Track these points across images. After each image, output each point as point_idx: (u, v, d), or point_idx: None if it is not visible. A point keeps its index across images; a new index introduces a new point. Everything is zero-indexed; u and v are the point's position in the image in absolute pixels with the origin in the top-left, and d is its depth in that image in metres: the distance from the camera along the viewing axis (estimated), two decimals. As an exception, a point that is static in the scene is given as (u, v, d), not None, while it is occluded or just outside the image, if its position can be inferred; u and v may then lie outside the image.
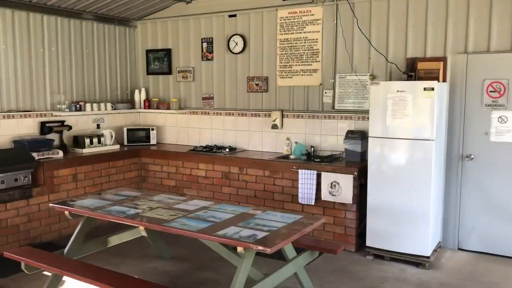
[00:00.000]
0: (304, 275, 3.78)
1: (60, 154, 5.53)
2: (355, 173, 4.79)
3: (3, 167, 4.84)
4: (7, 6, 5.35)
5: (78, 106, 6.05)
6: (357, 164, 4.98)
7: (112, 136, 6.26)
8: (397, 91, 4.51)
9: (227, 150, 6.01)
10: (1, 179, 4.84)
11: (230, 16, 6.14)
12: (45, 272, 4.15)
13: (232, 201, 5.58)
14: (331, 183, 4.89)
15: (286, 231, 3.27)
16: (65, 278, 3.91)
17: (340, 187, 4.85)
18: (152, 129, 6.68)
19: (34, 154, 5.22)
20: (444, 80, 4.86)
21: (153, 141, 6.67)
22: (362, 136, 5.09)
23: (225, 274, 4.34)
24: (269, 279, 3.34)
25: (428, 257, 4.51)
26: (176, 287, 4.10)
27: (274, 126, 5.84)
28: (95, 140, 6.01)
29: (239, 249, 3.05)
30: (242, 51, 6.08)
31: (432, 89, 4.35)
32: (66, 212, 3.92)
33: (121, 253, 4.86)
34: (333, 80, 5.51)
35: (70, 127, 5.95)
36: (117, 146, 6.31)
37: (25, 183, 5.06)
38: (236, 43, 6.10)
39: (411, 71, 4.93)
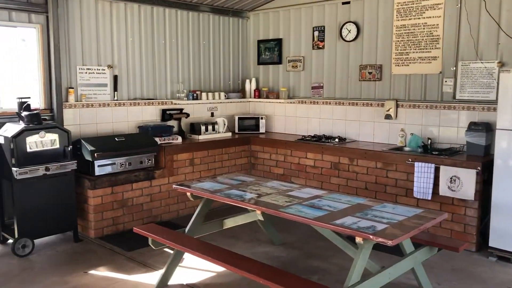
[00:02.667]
0: (421, 271, 3.62)
1: (179, 139, 5.88)
2: (479, 168, 4.46)
3: (130, 150, 5.28)
4: (134, 1, 5.78)
5: (195, 95, 6.37)
6: (480, 158, 4.63)
7: (225, 124, 6.51)
8: (532, 79, 4.12)
9: (336, 140, 5.93)
10: (128, 161, 5.28)
11: (343, 3, 6.03)
12: (166, 249, 4.46)
13: (341, 192, 5.51)
14: (451, 178, 4.61)
15: (406, 224, 3.14)
16: (185, 255, 4.18)
17: (460, 182, 4.55)
18: (262, 118, 6.82)
19: (157, 139, 5.61)
20: None
21: (262, 129, 6.82)
22: (487, 128, 4.72)
23: (335, 264, 4.32)
24: (386, 272, 3.24)
25: None
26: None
27: (388, 116, 5.64)
28: (209, 127, 6.31)
29: (358, 239, 2.99)
30: (355, 38, 5.94)
31: None
32: (188, 194, 4.15)
33: (234, 236, 5.05)
34: (454, 68, 5.16)
35: (188, 115, 6.31)
36: (229, 134, 6.55)
37: (148, 166, 5.46)
38: (349, 31, 5.97)
39: (549, 57, 4.45)
